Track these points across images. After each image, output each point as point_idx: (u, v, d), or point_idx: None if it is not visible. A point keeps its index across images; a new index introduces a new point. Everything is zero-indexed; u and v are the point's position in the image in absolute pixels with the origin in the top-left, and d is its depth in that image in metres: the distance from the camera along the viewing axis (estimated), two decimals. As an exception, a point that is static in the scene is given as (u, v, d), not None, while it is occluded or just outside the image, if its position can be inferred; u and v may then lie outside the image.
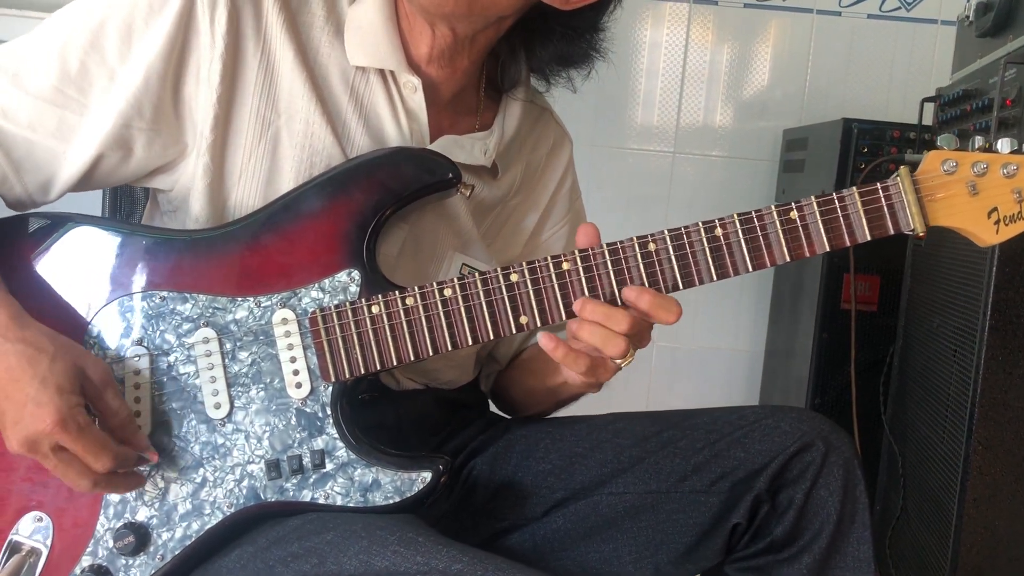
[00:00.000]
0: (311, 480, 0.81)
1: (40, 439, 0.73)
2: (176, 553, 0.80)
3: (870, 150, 1.81)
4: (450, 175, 0.85)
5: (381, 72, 0.90)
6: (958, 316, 1.39)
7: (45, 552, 0.80)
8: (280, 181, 0.87)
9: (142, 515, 0.80)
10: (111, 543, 0.80)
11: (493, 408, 1.10)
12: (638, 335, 0.81)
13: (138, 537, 0.79)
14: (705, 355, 2.31)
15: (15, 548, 0.80)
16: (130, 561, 0.80)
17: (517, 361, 1.06)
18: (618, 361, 0.81)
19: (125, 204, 1.16)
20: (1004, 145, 0.79)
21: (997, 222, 0.79)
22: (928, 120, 1.67)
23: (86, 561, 0.80)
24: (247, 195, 0.87)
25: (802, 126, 2.18)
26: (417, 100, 0.91)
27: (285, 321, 0.82)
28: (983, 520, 1.31)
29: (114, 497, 0.80)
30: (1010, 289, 1.28)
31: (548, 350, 0.80)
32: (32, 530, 0.80)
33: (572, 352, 0.80)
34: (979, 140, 0.80)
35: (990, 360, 1.29)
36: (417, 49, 0.90)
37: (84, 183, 0.87)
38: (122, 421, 0.78)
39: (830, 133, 1.88)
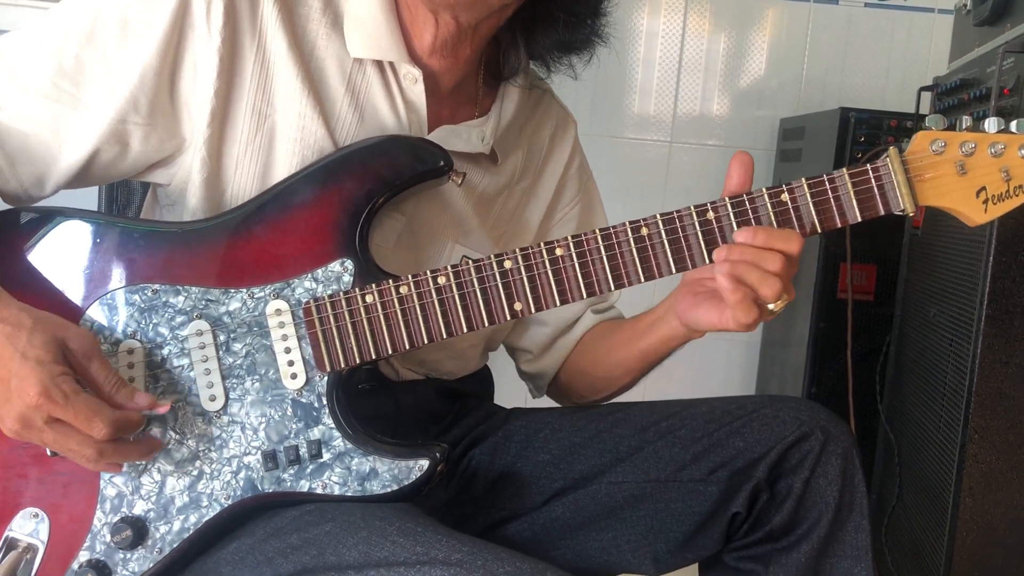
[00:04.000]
0: (308, 470, 0.81)
1: (30, 413, 0.72)
2: (174, 546, 0.79)
3: (867, 139, 1.80)
4: (441, 163, 0.85)
5: (379, 64, 0.90)
6: (955, 305, 1.39)
7: (42, 548, 0.80)
8: (275, 175, 0.87)
9: (139, 509, 0.80)
10: (108, 537, 0.79)
11: (496, 398, 1.10)
12: (787, 279, 0.79)
13: (135, 531, 0.79)
14: (702, 344, 2.28)
15: (11, 544, 0.80)
16: (128, 555, 0.79)
17: (586, 345, 1.05)
18: (771, 306, 0.79)
19: (121, 195, 1.16)
20: (991, 125, 0.80)
21: (985, 201, 0.79)
22: (925, 109, 1.66)
23: (83, 556, 0.79)
24: (243, 188, 0.87)
25: (799, 115, 2.17)
26: (417, 91, 0.90)
27: (279, 312, 0.82)
28: (979, 508, 1.31)
29: (110, 491, 0.80)
30: (1007, 278, 1.27)
31: (726, 292, 0.78)
32: (28, 526, 0.80)
33: (746, 300, 0.78)
34: (967, 120, 0.80)
35: (986, 349, 1.29)
36: (420, 40, 0.90)
37: (81, 178, 0.87)
38: (112, 388, 0.76)
39: (827, 122, 1.88)
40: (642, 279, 0.81)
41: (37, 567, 0.79)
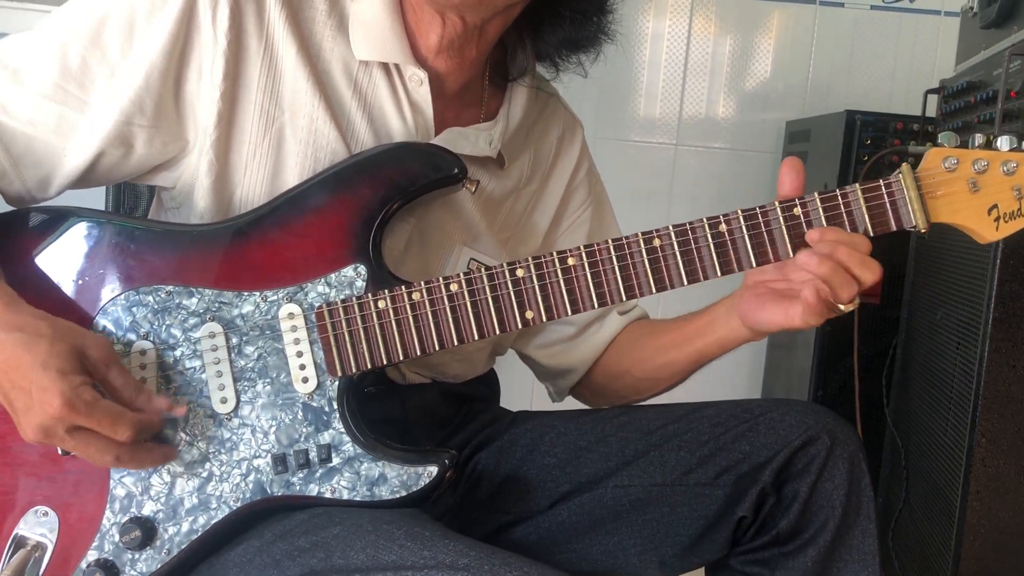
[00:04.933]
0: (317, 474, 0.81)
1: (52, 424, 0.72)
2: (182, 547, 0.80)
3: (873, 142, 1.80)
4: (455, 170, 0.85)
5: (384, 66, 0.90)
6: (962, 309, 1.39)
7: (51, 547, 0.80)
8: (284, 177, 0.87)
9: (148, 509, 0.80)
10: (117, 537, 0.80)
11: (502, 402, 1.10)
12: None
13: (144, 531, 0.79)
14: (707, 347, 2.31)
15: (20, 543, 0.80)
16: (136, 555, 0.80)
17: (624, 346, 1.04)
18: (842, 307, 0.80)
19: (128, 199, 1.17)
20: (1004, 143, 0.80)
21: (997, 219, 0.80)
22: (932, 112, 1.67)
23: (92, 556, 0.80)
24: (251, 191, 0.87)
25: (805, 118, 2.17)
26: (423, 93, 0.91)
27: (292, 316, 0.82)
28: (986, 512, 1.31)
29: (120, 491, 0.81)
30: (1014, 282, 1.27)
31: (813, 293, 0.78)
32: (37, 525, 0.80)
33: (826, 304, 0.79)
34: (979, 138, 0.81)
35: (993, 353, 1.29)
36: (426, 40, 0.90)
37: (85, 180, 0.87)
38: (131, 394, 0.76)
39: (833, 125, 1.88)
40: (654, 290, 0.82)
41: (45, 566, 0.79)
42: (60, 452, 0.81)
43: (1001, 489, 1.30)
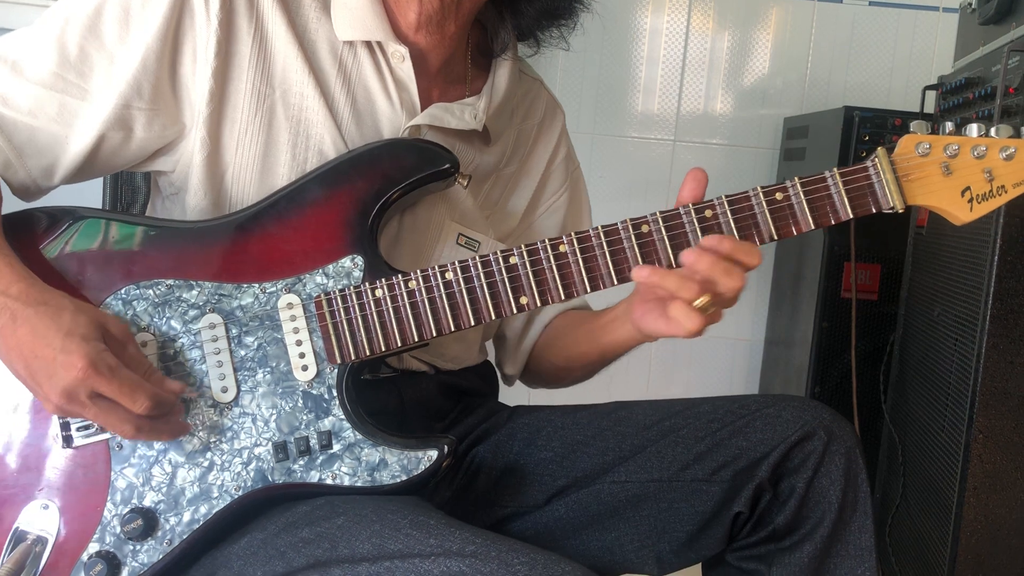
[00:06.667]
0: (318, 461, 0.81)
1: (76, 387, 0.73)
2: (184, 537, 0.80)
3: (871, 138, 1.81)
4: (447, 165, 0.86)
5: (368, 45, 0.92)
6: (959, 305, 1.39)
7: (51, 540, 0.80)
8: (276, 154, 0.89)
9: (149, 500, 0.81)
10: (118, 528, 0.80)
11: (500, 397, 1.11)
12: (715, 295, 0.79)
13: (146, 521, 0.80)
14: (705, 344, 2.31)
15: (20, 537, 0.80)
16: (138, 546, 0.80)
17: (552, 332, 1.06)
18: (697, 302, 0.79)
19: (126, 194, 1.17)
20: (972, 130, 0.84)
21: (970, 200, 0.83)
22: (930, 108, 1.67)
23: (93, 548, 0.80)
24: (243, 168, 0.88)
25: (803, 114, 2.17)
26: (406, 69, 0.92)
27: (291, 306, 0.82)
28: (983, 508, 1.32)
29: (121, 483, 0.81)
30: (1012, 278, 1.28)
31: (641, 277, 0.79)
32: (38, 519, 0.80)
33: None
34: (949, 125, 0.84)
35: (991, 349, 1.29)
36: (405, 18, 0.92)
37: (87, 167, 0.88)
38: (145, 372, 0.78)
39: (831, 121, 1.88)
40: None
41: (46, 559, 0.80)
42: (62, 445, 0.81)
43: (998, 485, 1.31)
